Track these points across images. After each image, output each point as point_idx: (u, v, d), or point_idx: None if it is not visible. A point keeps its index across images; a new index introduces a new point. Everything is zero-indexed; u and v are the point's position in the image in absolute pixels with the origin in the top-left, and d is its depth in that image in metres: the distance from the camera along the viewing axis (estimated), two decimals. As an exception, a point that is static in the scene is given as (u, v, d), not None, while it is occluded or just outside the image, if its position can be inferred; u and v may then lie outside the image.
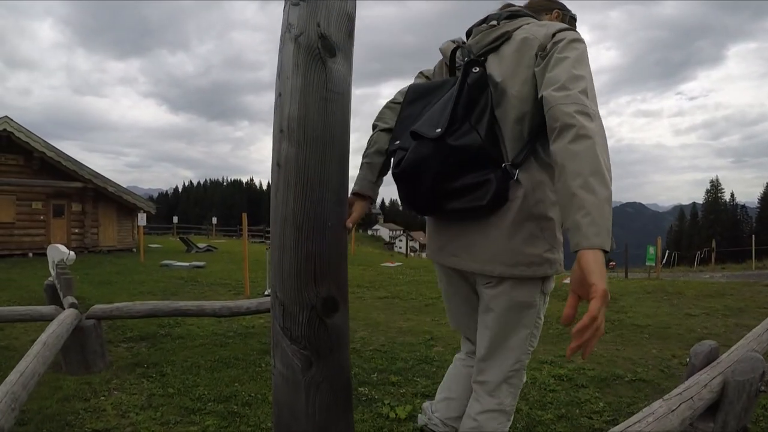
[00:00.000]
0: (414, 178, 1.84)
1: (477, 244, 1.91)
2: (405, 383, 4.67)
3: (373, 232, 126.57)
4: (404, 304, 9.10)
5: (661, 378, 4.94)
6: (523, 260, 1.86)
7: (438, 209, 1.92)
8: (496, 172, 1.78)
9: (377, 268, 15.15)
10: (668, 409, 2.74)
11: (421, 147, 1.79)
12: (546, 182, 1.85)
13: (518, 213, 1.83)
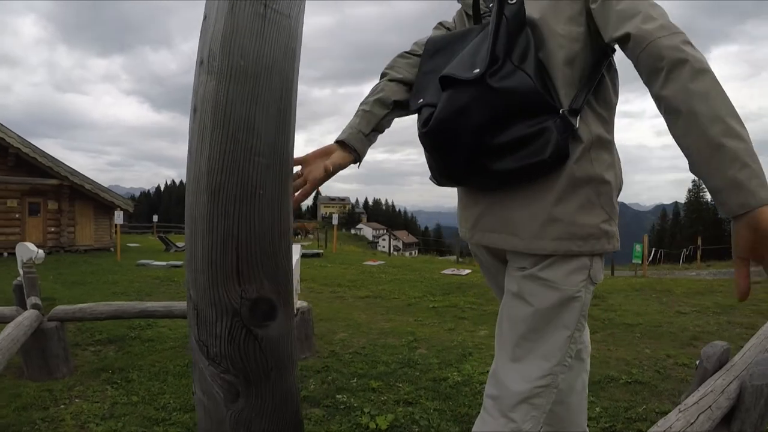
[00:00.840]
0: (449, 134, 1.42)
1: (520, 215, 1.49)
2: (387, 389, 4.41)
3: (356, 232, 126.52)
4: (386, 304, 8.85)
5: (658, 379, 4.76)
6: (578, 232, 1.45)
7: (480, 173, 1.47)
8: (554, 120, 1.39)
9: (359, 266, 14.90)
10: (687, 422, 2.45)
11: (456, 94, 1.40)
12: (603, 138, 1.49)
13: (572, 174, 1.44)
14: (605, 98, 1.51)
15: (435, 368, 4.97)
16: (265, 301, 1.26)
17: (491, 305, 8.62)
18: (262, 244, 1.24)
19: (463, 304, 8.73)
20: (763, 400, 2.75)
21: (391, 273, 13.04)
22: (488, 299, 9.23)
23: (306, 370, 4.83)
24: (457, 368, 4.95)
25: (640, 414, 3.93)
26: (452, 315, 7.88)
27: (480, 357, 5.40)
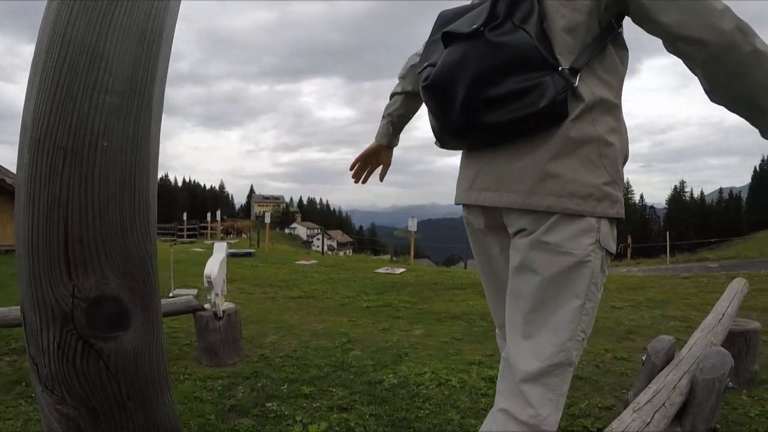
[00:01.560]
0: (447, 86, 1.46)
1: (515, 170, 1.47)
2: (319, 395, 4.19)
3: (290, 231, 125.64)
4: (319, 304, 8.59)
5: (598, 374, 4.74)
6: (576, 190, 1.41)
7: (476, 127, 1.47)
8: (552, 76, 1.37)
9: (292, 266, 14.57)
10: (643, 422, 2.44)
11: (455, 48, 1.45)
12: (608, 101, 1.45)
13: (572, 133, 1.41)
14: (610, 65, 1.49)
15: (370, 370, 4.77)
16: (111, 301, 0.88)
17: (426, 304, 8.54)
18: (105, 218, 0.86)
19: (397, 303, 8.57)
20: (714, 394, 2.85)
21: (324, 272, 12.81)
22: (423, 298, 9.14)
23: (234, 376, 4.57)
24: (393, 370, 4.78)
25: (583, 410, 3.88)
26: (387, 314, 7.70)
27: (416, 357, 5.23)
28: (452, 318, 7.44)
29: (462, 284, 10.54)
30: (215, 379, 4.47)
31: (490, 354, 5.38)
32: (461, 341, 6.05)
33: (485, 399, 4.09)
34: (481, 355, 5.31)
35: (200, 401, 3.98)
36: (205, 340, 4.95)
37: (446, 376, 4.56)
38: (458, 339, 6.14)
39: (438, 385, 4.37)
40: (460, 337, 6.23)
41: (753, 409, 3.86)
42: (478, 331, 6.66)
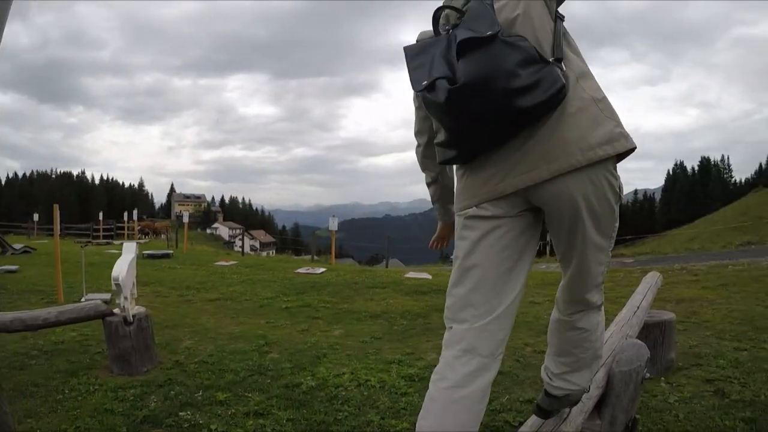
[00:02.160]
0: (484, 81, 1.65)
1: (550, 146, 1.76)
2: (235, 401, 4.07)
3: (212, 231, 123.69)
4: (237, 306, 8.38)
5: (518, 368, 4.80)
6: (600, 140, 1.78)
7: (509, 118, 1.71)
8: (549, 66, 1.70)
9: (210, 267, 14.21)
10: (559, 417, 2.47)
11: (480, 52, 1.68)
12: (585, 71, 1.88)
13: (575, 102, 1.78)
14: (570, 43, 1.91)
15: (287, 373, 4.68)
16: None
17: (346, 303, 8.47)
18: None
19: (317, 303, 8.45)
20: (632, 385, 2.87)
21: (243, 273, 12.53)
22: (343, 297, 9.06)
23: (147, 385, 4.39)
24: (311, 372, 4.71)
25: (504, 404, 3.92)
26: (306, 315, 7.58)
27: (335, 358, 5.17)
28: (372, 317, 7.40)
29: (382, 283, 10.50)
30: (127, 389, 4.29)
31: (410, 352, 5.36)
32: (381, 340, 6.03)
33: (405, 398, 4.07)
34: (401, 354, 5.28)
35: (111, 413, 3.81)
36: (115, 348, 4.73)
37: (366, 377, 4.52)
38: (378, 338, 6.12)
39: (357, 386, 4.34)
40: (380, 336, 6.20)
41: (672, 396, 4.00)
42: (398, 329, 6.64)
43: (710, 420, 3.58)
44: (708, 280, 10.52)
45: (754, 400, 3.86)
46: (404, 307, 7.99)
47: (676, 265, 14.32)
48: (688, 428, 3.50)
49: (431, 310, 7.79)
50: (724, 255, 17.83)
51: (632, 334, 3.61)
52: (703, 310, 7.30)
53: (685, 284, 10.22)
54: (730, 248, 22.86)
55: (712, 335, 5.83)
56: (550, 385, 2.35)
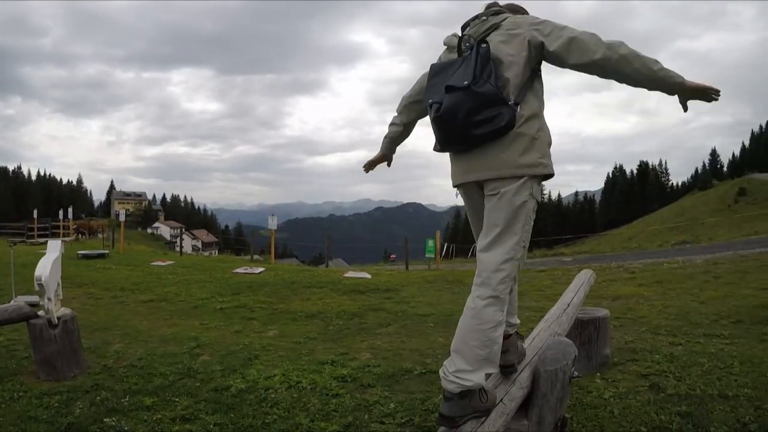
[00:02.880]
0: (452, 115, 2.54)
1: (494, 161, 2.58)
2: (162, 406, 4.01)
3: (153, 231, 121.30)
4: (171, 308, 8.21)
5: None
6: (522, 163, 2.55)
7: (467, 138, 2.58)
8: (505, 109, 2.52)
9: (146, 268, 13.88)
10: (477, 421, 2.41)
11: (455, 95, 2.53)
12: (536, 112, 2.64)
13: (521, 135, 2.55)
14: (536, 92, 2.68)
15: (218, 376, 4.62)
16: None
17: (283, 303, 8.43)
18: None
19: (252, 303, 8.37)
20: (559, 384, 2.83)
21: (179, 274, 12.29)
22: (280, 297, 9.02)
23: (73, 391, 4.28)
24: (242, 374, 4.67)
25: (437, 404, 3.88)
26: (240, 316, 7.50)
27: (267, 359, 5.13)
28: (308, 317, 7.37)
29: (320, 283, 10.46)
30: (52, 395, 4.18)
31: (344, 353, 5.35)
32: (315, 340, 6.01)
33: (336, 400, 4.06)
34: (335, 354, 5.27)
35: (35, 421, 3.71)
36: (40, 352, 4.59)
37: (297, 378, 4.50)
38: (312, 338, 6.09)
39: (288, 388, 4.30)
40: (315, 337, 6.18)
41: (607, 391, 4.06)
42: (333, 329, 6.64)
43: (646, 415, 3.63)
44: (644, 277, 10.85)
45: (690, 393, 3.94)
46: (341, 307, 8.00)
47: (614, 263, 14.66)
48: (623, 424, 3.54)
49: (368, 310, 7.81)
50: (660, 254, 18.31)
51: (561, 332, 3.62)
52: (639, 307, 7.49)
53: (622, 282, 10.50)
54: (666, 247, 23.45)
55: (648, 331, 5.97)
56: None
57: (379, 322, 6.99)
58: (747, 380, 4.14)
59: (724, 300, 7.57)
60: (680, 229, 40.27)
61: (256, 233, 34.06)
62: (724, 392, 3.92)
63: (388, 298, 9.02)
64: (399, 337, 6.12)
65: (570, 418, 3.56)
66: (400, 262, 23.23)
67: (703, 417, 3.57)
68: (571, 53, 2.52)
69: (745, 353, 4.83)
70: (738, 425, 3.44)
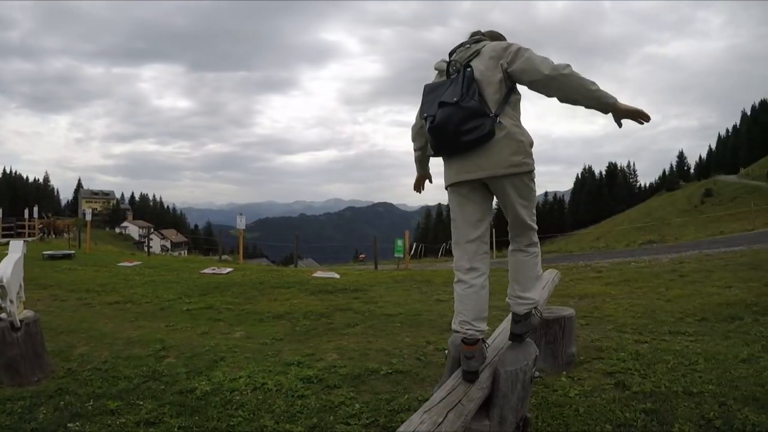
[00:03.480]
0: (444, 126, 3.02)
1: (487, 162, 3.03)
2: (126, 410, 3.98)
3: (121, 230, 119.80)
4: (137, 309, 8.11)
5: (419, 367, 4.85)
6: (511, 163, 3.02)
7: (458, 144, 3.04)
8: (487, 119, 2.98)
9: (113, 268, 13.70)
10: (433, 423, 2.34)
11: (446, 109, 3.01)
12: (516, 121, 3.12)
13: (505, 140, 3.02)
14: (513, 106, 3.14)
15: (183, 378, 4.61)
16: None
17: (250, 304, 8.40)
18: None
19: (219, 304, 8.32)
20: (519, 384, 2.86)
21: (146, 274, 12.13)
22: (247, 298, 8.99)
23: (37, 396, 4.24)
24: (207, 376, 4.66)
25: (402, 404, 3.94)
26: (207, 317, 7.45)
27: (233, 361, 5.12)
28: (275, 318, 7.35)
29: (288, 283, 10.43)
30: (15, 401, 4.14)
31: (311, 353, 5.36)
32: (282, 341, 6.01)
33: (301, 401, 4.07)
34: (301, 355, 5.27)
35: (-3, 428, 3.67)
36: (3, 356, 4.53)
37: (263, 380, 4.50)
38: (279, 339, 6.09)
39: (253, 390, 4.31)
40: (281, 338, 6.18)
41: (572, 390, 4.10)
42: (300, 330, 6.63)
43: (611, 413, 3.67)
44: (611, 276, 10.96)
45: (655, 391, 3.99)
46: (308, 307, 7.99)
47: (581, 262, 14.82)
48: (588, 422, 3.58)
49: (335, 310, 7.82)
50: (627, 253, 18.50)
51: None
52: (606, 305, 7.59)
53: (589, 281, 10.60)
54: (633, 247, 23.71)
55: (614, 329, 6.06)
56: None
57: (346, 322, 7.00)
58: (711, 377, 4.21)
59: (689, 298, 7.68)
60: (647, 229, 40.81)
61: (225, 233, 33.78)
62: (688, 389, 3.98)
63: (356, 298, 9.04)
64: (366, 337, 6.14)
65: (532, 418, 3.61)
66: (370, 261, 23.24)
67: (668, 414, 3.62)
68: (524, 72, 3.06)
69: (710, 350, 4.92)
70: (702, 421, 3.49)
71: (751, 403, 3.71)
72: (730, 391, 3.91)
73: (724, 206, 51.50)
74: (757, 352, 4.80)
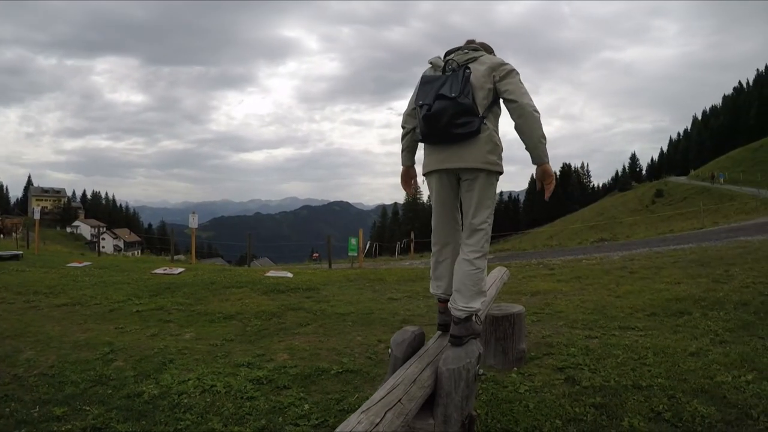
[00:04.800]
0: (439, 116, 3.27)
1: (469, 155, 3.34)
2: (72, 416, 3.92)
3: (72, 230, 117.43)
4: (86, 312, 7.92)
5: (370, 366, 4.90)
6: (488, 160, 3.34)
7: (449, 135, 3.32)
8: (476, 119, 3.30)
9: (62, 269, 13.36)
10: (371, 423, 2.28)
11: (443, 101, 3.26)
12: (496, 129, 3.46)
13: (484, 140, 3.33)
14: (495, 114, 3.46)
15: (130, 382, 4.56)
16: None
17: (201, 305, 8.32)
18: None
19: (170, 305, 8.20)
20: (463, 382, 2.84)
21: (96, 275, 11.86)
22: (198, 298, 8.89)
23: (-20, 404, 4.11)
24: (156, 379, 4.62)
25: (352, 404, 3.97)
26: (157, 318, 7.34)
27: (182, 363, 5.09)
28: (226, 318, 7.30)
29: (240, 283, 10.35)
30: (-40, 410, 4.02)
31: (261, 354, 5.36)
32: (233, 342, 5.98)
33: (250, 403, 4.06)
34: (251, 356, 5.26)
35: (-61, 440, 3.59)
36: (-56, 363, 4.41)
37: (212, 382, 4.48)
38: (230, 340, 6.06)
39: (202, 392, 4.29)
40: (232, 338, 6.15)
41: (522, 386, 4.19)
42: (251, 330, 6.60)
43: (560, 408, 3.75)
44: (563, 273, 11.15)
45: (604, 385, 4.09)
46: (260, 307, 7.95)
47: (534, 260, 15.02)
48: (538, 417, 3.64)
49: (287, 310, 7.81)
50: (580, 251, 18.84)
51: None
52: (557, 302, 7.74)
53: (542, 278, 10.75)
54: (585, 245, 24.05)
55: (565, 325, 6.18)
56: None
57: (298, 322, 7.01)
58: (660, 370, 4.34)
59: (639, 294, 7.87)
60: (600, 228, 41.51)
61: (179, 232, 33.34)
62: (638, 383, 4.09)
63: (309, 297, 9.04)
64: (317, 337, 6.15)
65: (481, 415, 3.65)
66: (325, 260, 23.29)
67: (618, 408, 3.70)
68: (508, 92, 3.36)
69: (659, 344, 5.06)
70: (652, 414, 3.59)
71: (700, 395, 3.84)
72: (679, 384, 4.03)
73: (674, 206, 52.65)
74: (705, 346, 4.96)
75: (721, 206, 40.23)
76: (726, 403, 3.70)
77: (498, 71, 3.43)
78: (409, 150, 3.86)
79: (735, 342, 5.09)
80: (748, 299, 6.86)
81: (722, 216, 32.53)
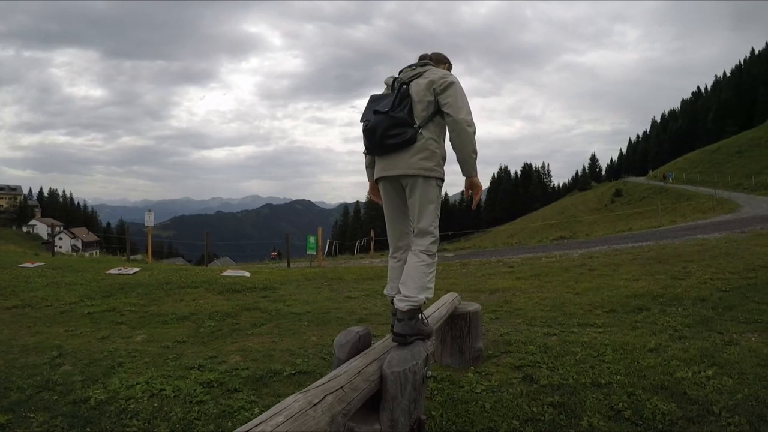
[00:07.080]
0: (374, 130, 3.53)
1: (403, 162, 3.52)
2: (17, 423, 3.85)
3: (28, 229, 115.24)
4: (36, 314, 7.71)
5: (323, 367, 4.83)
6: (422, 167, 3.51)
7: (383, 146, 3.56)
8: (410, 129, 3.50)
9: (14, 270, 12.89)
10: (308, 402, 2.21)
11: (378, 116, 3.54)
12: (435, 137, 3.59)
13: (421, 148, 3.51)
14: (436, 123, 3.62)
15: (78, 387, 4.47)
16: None
17: (154, 305, 8.19)
18: None
19: (123, 306, 8.04)
20: (410, 386, 2.81)
21: (49, 276, 11.55)
22: (152, 299, 8.75)
23: None
24: (103, 384, 4.53)
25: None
26: (109, 320, 7.19)
27: (132, 366, 5.01)
28: (179, 319, 7.20)
29: (195, 282, 10.22)
30: None
31: (213, 356, 5.30)
32: (185, 344, 5.91)
33: (199, 407, 4.01)
34: (203, 358, 5.20)
35: None
36: None
37: (161, 385, 4.41)
38: (182, 342, 5.98)
39: (150, 397, 4.22)
40: (184, 340, 6.07)
41: (479, 385, 4.18)
42: (204, 331, 6.52)
43: (518, 408, 3.74)
44: (522, 271, 11.27)
45: (562, 383, 4.10)
46: (214, 308, 7.87)
47: (494, 258, 15.13)
48: (494, 418, 3.62)
49: (242, 310, 7.74)
50: (539, 248, 18.99)
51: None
52: (516, 299, 7.80)
53: (501, 275, 10.84)
54: (545, 242, 24.29)
55: (524, 322, 6.22)
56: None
57: (252, 323, 6.95)
58: (620, 367, 4.37)
59: (598, 291, 7.97)
60: (560, 226, 42.09)
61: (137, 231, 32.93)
62: (597, 380, 4.11)
63: (265, 297, 8.98)
64: (271, 338, 6.11)
65: (436, 416, 3.63)
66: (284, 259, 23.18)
67: (576, 406, 3.71)
68: (447, 105, 3.54)
69: (618, 341, 5.11)
70: (612, 412, 3.60)
71: (659, 391, 3.86)
72: (639, 381, 4.06)
73: (633, 205, 53.72)
74: (664, 342, 5.02)
75: (678, 206, 41.12)
76: (686, 399, 3.72)
77: (438, 84, 3.62)
78: (371, 166, 4.01)
79: (694, 337, 5.17)
80: (706, 295, 6.99)
81: (680, 215, 33.16)
